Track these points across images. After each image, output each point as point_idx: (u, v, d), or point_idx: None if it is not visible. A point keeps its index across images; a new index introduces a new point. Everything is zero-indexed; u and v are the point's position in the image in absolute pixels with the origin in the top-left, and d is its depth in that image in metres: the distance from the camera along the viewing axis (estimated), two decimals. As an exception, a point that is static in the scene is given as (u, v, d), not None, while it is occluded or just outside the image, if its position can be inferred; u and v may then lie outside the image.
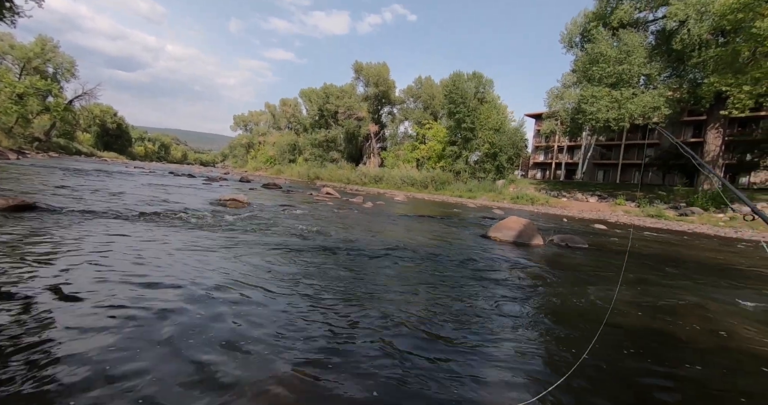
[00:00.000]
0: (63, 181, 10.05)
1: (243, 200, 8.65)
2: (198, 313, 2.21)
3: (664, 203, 21.97)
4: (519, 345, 2.23)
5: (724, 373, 2.13)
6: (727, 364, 2.25)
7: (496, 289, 3.44)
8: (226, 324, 2.10)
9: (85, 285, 2.47)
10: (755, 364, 2.31)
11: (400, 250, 4.90)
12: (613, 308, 2.92)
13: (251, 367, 1.67)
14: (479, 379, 1.77)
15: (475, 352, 2.06)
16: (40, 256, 2.99)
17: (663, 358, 2.23)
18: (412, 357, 1.92)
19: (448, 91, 34.82)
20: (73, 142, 55.28)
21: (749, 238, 13.63)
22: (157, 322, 2.01)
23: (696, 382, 1.98)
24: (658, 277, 4.81)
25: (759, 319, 3.27)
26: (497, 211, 16.77)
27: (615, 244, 8.49)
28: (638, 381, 1.94)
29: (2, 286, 2.31)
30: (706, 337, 2.72)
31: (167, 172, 23.72)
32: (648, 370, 2.06)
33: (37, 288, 2.33)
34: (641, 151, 36.56)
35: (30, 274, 2.58)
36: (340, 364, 1.78)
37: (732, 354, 2.44)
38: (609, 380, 1.93)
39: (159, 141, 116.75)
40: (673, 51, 20.88)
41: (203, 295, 2.52)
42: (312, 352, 1.88)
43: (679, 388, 1.91)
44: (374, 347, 2.00)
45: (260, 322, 2.17)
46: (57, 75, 46.93)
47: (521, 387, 1.75)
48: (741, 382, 2.07)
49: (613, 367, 2.07)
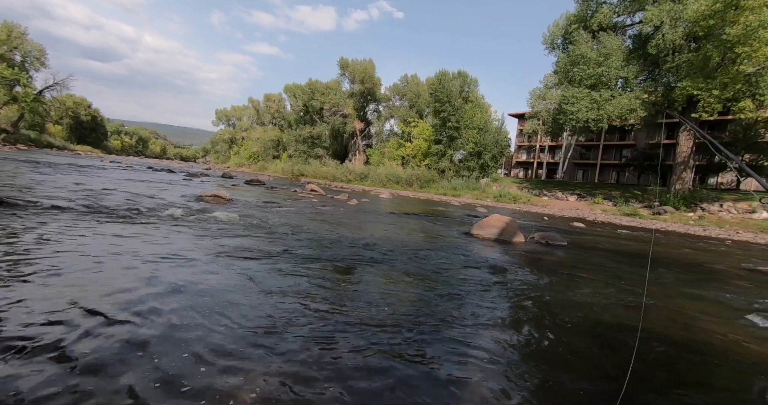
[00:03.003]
0: (32, 175, 9.60)
1: (225, 197, 8.48)
2: (169, 316, 2.16)
3: (639, 202, 22.84)
4: (504, 347, 2.28)
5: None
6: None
7: (478, 287, 3.51)
8: (202, 327, 2.07)
9: (46, 286, 2.38)
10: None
11: (385, 248, 4.92)
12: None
13: (231, 371, 1.65)
14: (462, 383, 1.81)
15: (458, 354, 2.07)
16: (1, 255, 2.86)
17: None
18: (391, 360, 1.94)
19: (433, 89, 35.06)
20: (43, 134, 52.77)
21: (716, 236, 14.34)
22: (121, 329, 1.91)
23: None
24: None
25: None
26: (481, 210, 17.03)
27: (592, 241, 8.78)
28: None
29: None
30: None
31: (145, 167, 22.96)
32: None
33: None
34: (618, 152, 37.81)
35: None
36: (319, 364, 1.79)
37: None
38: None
39: (137, 135, 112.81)
40: (648, 55, 21.63)
41: (175, 296, 2.46)
42: (291, 353, 1.87)
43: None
44: (354, 346, 2.01)
45: (239, 321, 2.15)
46: (25, 64, 44.57)
47: (509, 391, 1.80)
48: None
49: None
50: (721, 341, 2.65)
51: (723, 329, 2.90)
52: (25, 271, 2.53)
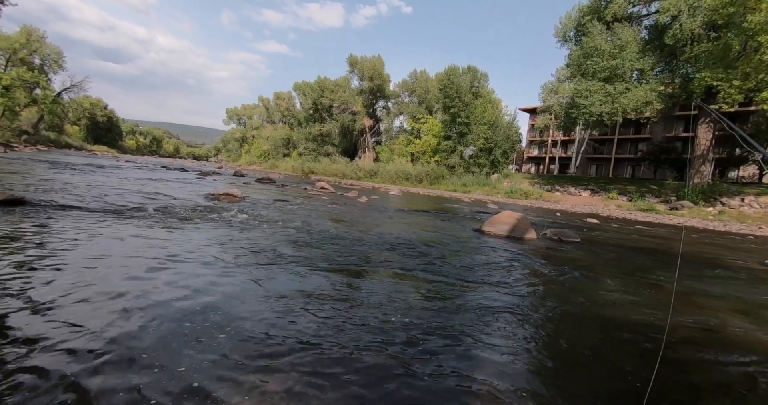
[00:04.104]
0: (52, 175, 9.89)
1: (237, 195, 8.60)
2: (184, 314, 2.21)
3: (655, 197, 22.28)
4: (523, 347, 2.26)
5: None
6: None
7: (491, 284, 3.48)
8: (219, 324, 2.10)
9: (68, 284, 2.45)
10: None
11: (396, 245, 4.92)
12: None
13: (241, 367, 1.68)
14: (475, 385, 1.80)
15: (472, 356, 2.04)
16: (27, 254, 2.96)
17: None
18: (404, 358, 1.94)
19: (443, 85, 34.71)
20: (62, 135, 54.28)
21: (737, 231, 13.91)
22: (141, 328, 1.94)
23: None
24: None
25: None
26: (491, 206, 16.87)
27: (606, 237, 8.61)
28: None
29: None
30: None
31: (159, 166, 23.42)
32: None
33: (13, 289, 2.31)
34: (633, 146, 36.92)
35: (13, 271, 2.55)
36: (326, 361, 1.80)
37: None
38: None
39: (150, 134, 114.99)
40: (665, 46, 20.99)
41: (190, 294, 2.51)
42: (299, 351, 1.89)
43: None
44: (366, 345, 2.01)
45: (251, 317, 2.18)
46: (44, 66, 45.80)
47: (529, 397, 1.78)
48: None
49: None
50: (752, 344, 2.57)
51: (754, 332, 2.81)
52: (34, 267, 2.61)
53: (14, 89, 37.91)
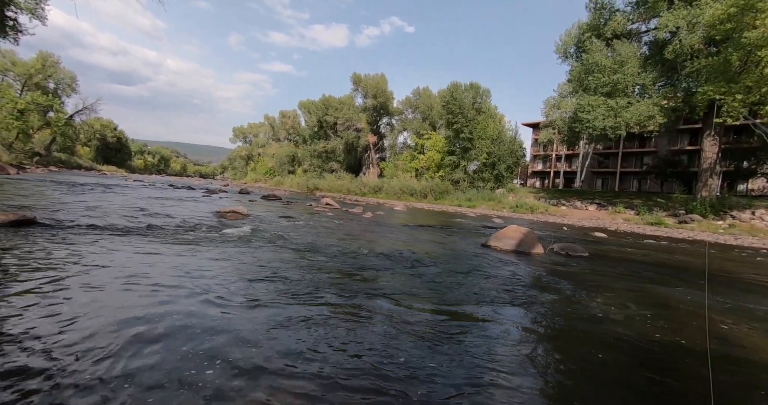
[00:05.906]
0: (63, 195, 10.06)
1: (243, 212, 8.64)
2: (194, 330, 2.19)
3: (663, 211, 22.01)
4: (535, 368, 2.19)
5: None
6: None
7: (499, 301, 3.41)
8: (229, 339, 2.08)
9: (79, 304, 2.45)
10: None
11: (401, 261, 4.88)
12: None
13: (254, 376, 1.64)
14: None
15: (482, 383, 2.01)
16: (38, 274, 2.97)
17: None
18: (412, 373, 1.89)
19: (445, 101, 35.26)
20: (73, 156, 55.59)
21: (750, 245, 13.61)
22: (150, 344, 1.96)
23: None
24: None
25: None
26: (497, 220, 16.76)
27: (616, 252, 8.47)
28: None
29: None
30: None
31: (167, 185, 23.74)
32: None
33: (25, 306, 2.31)
34: (639, 160, 36.82)
35: (24, 291, 2.56)
36: (334, 374, 1.76)
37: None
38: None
39: (159, 154, 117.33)
40: (666, 60, 21.21)
41: (199, 311, 2.50)
42: (308, 362, 1.85)
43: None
44: (374, 359, 1.97)
45: (261, 331, 2.15)
46: (58, 90, 47.50)
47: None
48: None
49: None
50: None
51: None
52: (41, 290, 2.61)
53: (29, 112, 39.16)
